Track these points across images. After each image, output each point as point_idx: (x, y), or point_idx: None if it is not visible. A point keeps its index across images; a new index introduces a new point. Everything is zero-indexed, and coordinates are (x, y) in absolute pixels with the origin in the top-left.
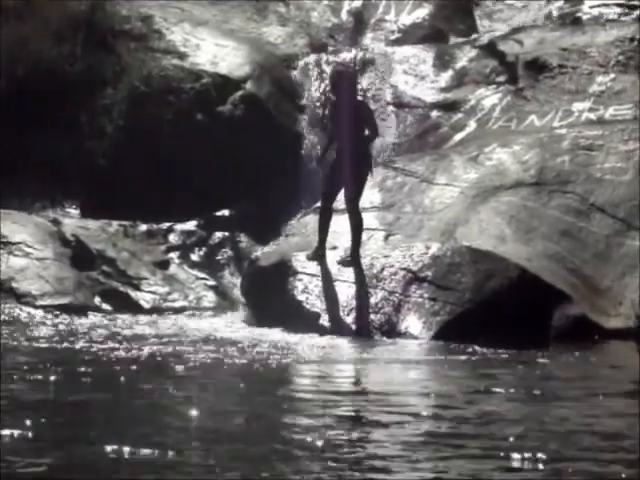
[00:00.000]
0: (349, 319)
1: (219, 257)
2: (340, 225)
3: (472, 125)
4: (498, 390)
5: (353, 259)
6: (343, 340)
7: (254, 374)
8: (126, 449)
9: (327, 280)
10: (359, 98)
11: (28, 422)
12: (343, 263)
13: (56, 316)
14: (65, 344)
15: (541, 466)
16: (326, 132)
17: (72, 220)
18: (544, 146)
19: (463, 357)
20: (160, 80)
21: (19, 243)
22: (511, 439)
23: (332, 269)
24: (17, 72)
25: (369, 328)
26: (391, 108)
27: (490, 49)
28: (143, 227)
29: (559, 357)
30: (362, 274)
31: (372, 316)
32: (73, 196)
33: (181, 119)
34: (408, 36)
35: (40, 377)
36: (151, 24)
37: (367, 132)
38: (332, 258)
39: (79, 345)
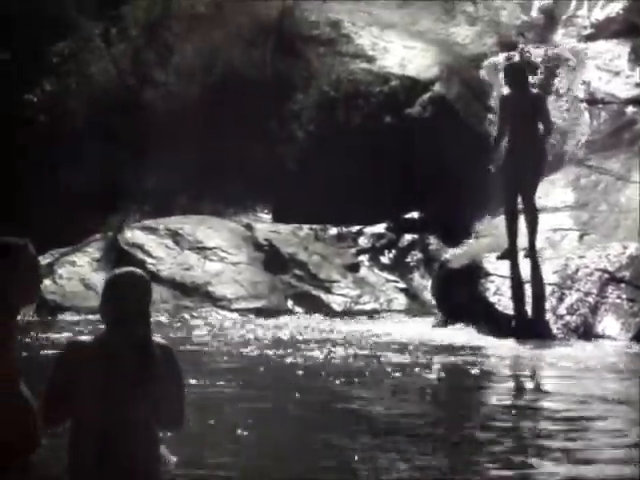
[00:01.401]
0: (543, 321)
1: (409, 259)
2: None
3: None
4: None
5: (529, 253)
6: (538, 342)
7: (451, 380)
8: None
9: (519, 281)
10: (534, 91)
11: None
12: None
13: (250, 319)
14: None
15: None
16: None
17: (264, 225)
18: None
19: None
20: (349, 84)
21: (214, 248)
22: None
23: (524, 270)
24: (210, 79)
25: (562, 330)
26: (584, 105)
27: None
28: (333, 230)
29: None
30: (539, 270)
31: (567, 317)
32: (265, 200)
33: (370, 122)
34: (601, 31)
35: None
36: (339, 28)
37: (541, 126)
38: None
39: (286, 351)
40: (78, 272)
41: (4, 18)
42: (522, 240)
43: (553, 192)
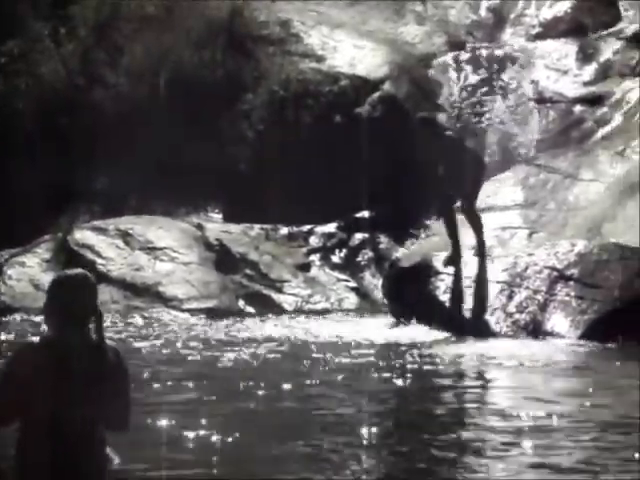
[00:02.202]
0: (491, 319)
1: (359, 259)
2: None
3: (618, 119)
4: None
5: (479, 251)
6: (486, 340)
7: (396, 378)
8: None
9: (460, 282)
10: (448, 133)
11: None
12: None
13: (201, 319)
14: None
15: None
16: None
17: (215, 225)
18: None
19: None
20: (298, 84)
21: (165, 248)
22: None
23: (472, 269)
24: (159, 80)
25: (511, 328)
26: (532, 104)
27: (636, 40)
28: (284, 230)
29: None
30: (485, 271)
31: (517, 315)
32: (215, 200)
33: (320, 122)
34: (549, 30)
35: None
36: (289, 28)
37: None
38: (471, 257)
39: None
40: (28, 273)
41: None
42: (472, 239)
43: (502, 191)
